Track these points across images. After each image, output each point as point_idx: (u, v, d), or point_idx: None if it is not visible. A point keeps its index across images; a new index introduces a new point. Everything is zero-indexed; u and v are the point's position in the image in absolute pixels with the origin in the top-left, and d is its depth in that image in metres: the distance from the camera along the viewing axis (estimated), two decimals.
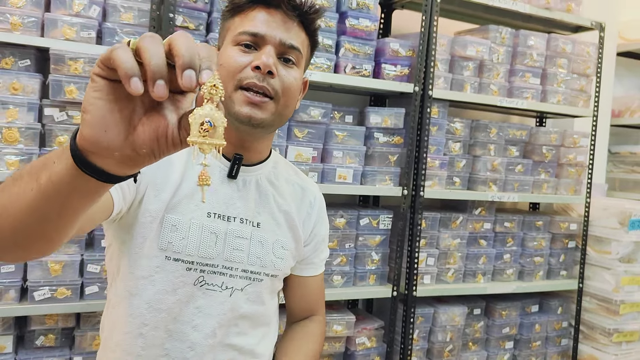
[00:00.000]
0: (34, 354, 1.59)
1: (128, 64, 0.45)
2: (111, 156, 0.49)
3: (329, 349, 1.96)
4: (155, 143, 0.50)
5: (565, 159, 2.36)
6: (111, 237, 0.95)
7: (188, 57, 0.45)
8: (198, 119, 0.47)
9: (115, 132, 0.48)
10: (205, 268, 0.93)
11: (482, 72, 2.16)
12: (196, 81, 0.46)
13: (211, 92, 0.47)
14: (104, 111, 0.48)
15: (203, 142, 0.47)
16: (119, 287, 0.93)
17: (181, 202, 0.92)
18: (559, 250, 2.41)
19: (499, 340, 2.31)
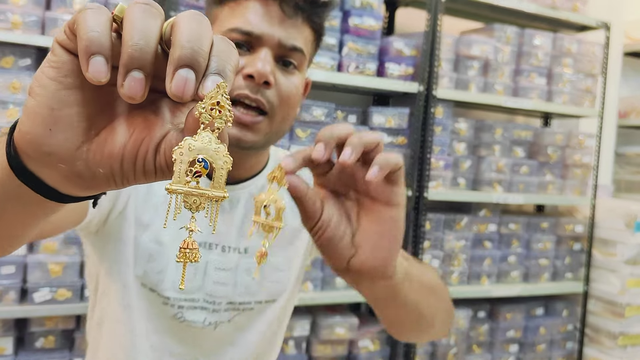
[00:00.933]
0: (33, 356, 1.57)
1: (93, 33, 0.29)
2: (55, 168, 0.33)
3: (332, 352, 1.95)
4: (117, 164, 0.33)
5: (571, 160, 2.34)
6: (89, 249, 0.83)
7: (189, 49, 0.29)
8: (187, 154, 0.30)
9: (65, 135, 0.32)
10: (184, 304, 0.79)
11: (487, 71, 2.14)
12: (194, 89, 0.30)
13: (211, 114, 0.30)
14: (56, 100, 0.31)
15: (191, 194, 0.30)
16: (96, 307, 0.83)
17: (158, 217, 0.78)
18: (564, 252, 2.38)
19: (503, 343, 2.28)
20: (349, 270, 0.49)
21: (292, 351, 1.89)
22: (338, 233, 0.48)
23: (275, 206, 0.42)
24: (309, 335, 1.92)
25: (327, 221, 0.48)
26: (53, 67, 0.31)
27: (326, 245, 0.48)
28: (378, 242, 0.49)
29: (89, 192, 0.35)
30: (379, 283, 0.51)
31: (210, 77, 0.30)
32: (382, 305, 0.59)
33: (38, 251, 1.55)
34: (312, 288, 1.87)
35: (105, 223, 0.77)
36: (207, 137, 0.30)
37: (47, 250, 1.55)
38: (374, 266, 0.49)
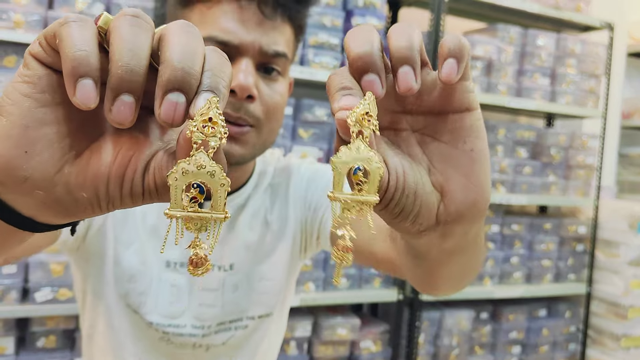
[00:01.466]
0: (35, 356, 1.57)
1: (80, 52, 0.26)
2: (31, 195, 0.29)
3: (333, 353, 1.94)
4: (103, 186, 0.30)
5: (574, 160, 2.33)
6: (73, 266, 0.79)
7: (180, 70, 0.27)
8: (181, 179, 0.29)
9: (43, 157, 0.29)
10: (169, 329, 0.74)
11: (490, 72, 2.13)
12: (184, 114, 0.28)
13: (204, 132, 0.28)
14: (32, 119, 0.28)
15: (191, 218, 0.30)
16: (85, 321, 0.80)
17: (139, 236, 0.74)
18: (567, 253, 2.37)
19: (506, 344, 2.28)
20: (438, 223, 0.35)
21: (293, 352, 1.88)
22: (417, 180, 0.34)
23: (371, 168, 0.31)
24: (311, 336, 1.91)
25: (400, 172, 0.33)
26: (27, 83, 0.28)
27: (409, 204, 0.33)
28: (467, 171, 0.34)
29: (68, 219, 0.32)
30: (475, 225, 0.37)
31: (202, 94, 0.28)
32: (458, 257, 0.44)
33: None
34: (313, 289, 1.86)
35: (84, 240, 0.73)
36: (202, 159, 0.29)
37: (48, 250, 1.54)
38: (471, 204, 0.35)
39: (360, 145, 0.30)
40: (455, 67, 0.31)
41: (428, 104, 0.34)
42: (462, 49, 0.31)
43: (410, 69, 0.31)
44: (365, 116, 0.30)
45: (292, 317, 1.86)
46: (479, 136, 0.35)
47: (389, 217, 0.34)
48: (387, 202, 0.33)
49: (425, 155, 0.35)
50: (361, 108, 0.30)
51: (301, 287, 1.84)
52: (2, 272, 1.51)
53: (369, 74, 0.31)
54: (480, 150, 0.35)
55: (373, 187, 0.31)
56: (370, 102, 0.30)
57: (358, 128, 0.30)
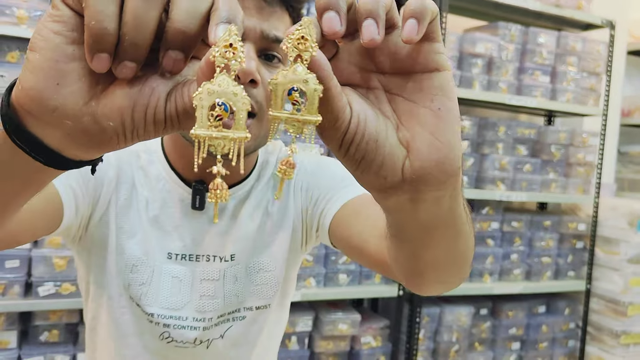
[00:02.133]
0: (37, 350, 1.58)
1: (100, 28, 0.30)
2: (60, 125, 0.32)
3: (334, 348, 1.95)
4: (128, 114, 0.32)
5: (574, 158, 2.34)
6: (76, 257, 0.78)
7: (184, 14, 0.31)
8: (206, 99, 0.31)
9: (73, 88, 0.31)
10: (170, 322, 0.74)
11: (491, 69, 2.13)
12: (183, 59, 0.32)
13: (226, 56, 0.30)
14: (62, 53, 0.31)
15: (215, 137, 0.31)
16: (88, 312, 0.80)
17: (142, 226, 0.74)
18: (566, 250, 2.38)
19: (505, 340, 2.29)
20: (404, 180, 0.35)
21: (294, 347, 1.89)
22: (380, 129, 0.34)
23: (307, 88, 0.32)
24: (312, 330, 1.92)
25: (362, 117, 0.34)
26: (57, 22, 0.31)
27: (370, 152, 0.34)
28: (433, 128, 0.34)
29: (94, 152, 0.35)
30: (446, 190, 0.36)
31: (221, 24, 0.31)
32: (439, 235, 0.42)
33: (42, 245, 1.56)
34: (314, 284, 1.87)
35: (86, 229, 0.73)
36: (225, 81, 0.31)
37: (51, 245, 1.56)
38: (437, 162, 0.34)
39: (297, 68, 0.32)
40: (415, 27, 0.32)
41: (398, 63, 0.35)
42: (423, 10, 0.32)
43: (373, 22, 0.32)
44: (302, 40, 0.31)
45: (293, 312, 1.87)
46: (447, 96, 0.35)
47: (351, 164, 0.35)
48: (347, 145, 0.34)
49: (395, 113, 0.36)
50: (296, 33, 0.31)
51: (302, 283, 1.85)
52: (6, 267, 1.51)
53: (329, 11, 0.32)
54: (449, 109, 0.35)
55: (312, 107, 0.32)
56: (306, 27, 0.31)
57: (296, 52, 0.31)
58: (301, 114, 0.32)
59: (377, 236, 0.61)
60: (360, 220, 0.69)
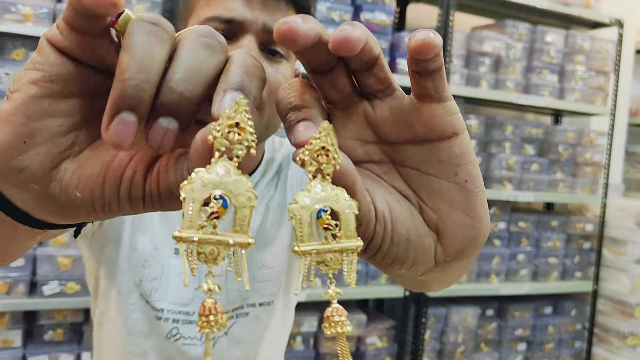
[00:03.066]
0: (42, 349, 1.57)
1: (138, 85, 0.23)
2: (26, 188, 0.27)
3: None
4: (98, 186, 0.27)
5: (582, 158, 2.32)
6: (86, 252, 0.78)
7: (185, 72, 0.24)
8: (199, 192, 0.24)
9: (42, 150, 0.26)
10: (179, 317, 0.74)
11: (498, 68, 2.12)
12: (173, 139, 0.25)
13: (228, 138, 0.24)
14: (35, 109, 0.26)
15: (207, 241, 0.24)
16: (97, 308, 0.80)
17: (153, 222, 0.74)
18: (574, 251, 2.36)
19: (511, 341, 2.27)
20: (437, 265, 0.31)
21: (299, 347, 1.88)
22: (410, 225, 0.29)
23: (339, 208, 0.26)
24: (317, 331, 1.91)
25: (387, 216, 0.29)
26: (37, 70, 0.26)
27: (402, 253, 0.29)
28: (464, 205, 0.30)
29: (65, 220, 0.29)
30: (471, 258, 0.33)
31: (229, 93, 0.24)
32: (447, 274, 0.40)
33: (48, 244, 1.55)
34: (320, 284, 1.86)
35: (101, 225, 0.73)
36: (224, 168, 0.24)
37: (56, 244, 1.55)
38: (471, 241, 0.30)
39: (320, 185, 0.25)
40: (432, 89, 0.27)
41: (406, 132, 0.29)
42: (436, 59, 0.26)
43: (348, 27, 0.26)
44: (322, 151, 0.25)
45: (299, 312, 1.85)
46: (470, 162, 0.30)
47: (379, 267, 0.30)
48: (373, 252, 0.29)
49: (412, 191, 0.30)
50: (315, 143, 0.25)
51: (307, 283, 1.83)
52: (10, 265, 1.51)
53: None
54: (474, 178, 0.30)
55: (350, 230, 0.25)
56: (326, 134, 0.25)
57: (315, 166, 0.25)
58: (337, 242, 0.26)
59: None
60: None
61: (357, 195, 0.27)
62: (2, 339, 1.54)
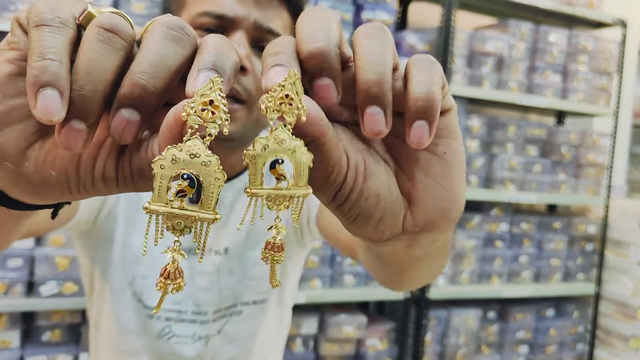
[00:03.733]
0: (40, 350, 1.56)
1: (47, 55, 0.24)
2: (1, 167, 0.27)
3: (339, 351, 1.92)
4: (73, 166, 0.27)
5: (585, 159, 2.30)
6: (81, 251, 0.79)
7: (147, 65, 0.25)
8: (169, 168, 0.25)
9: (17, 127, 0.27)
10: (171, 315, 0.75)
11: (501, 68, 2.10)
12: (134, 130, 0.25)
13: (202, 116, 0.24)
14: (11, 86, 0.26)
15: (175, 215, 0.25)
16: (93, 307, 0.80)
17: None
18: (576, 252, 2.35)
19: (513, 344, 2.26)
20: (404, 233, 0.30)
21: (299, 349, 1.87)
22: (382, 182, 0.29)
23: (295, 160, 0.26)
24: (317, 333, 1.90)
25: (360, 168, 0.29)
26: (12, 49, 0.26)
27: (369, 208, 0.29)
28: (439, 176, 0.30)
29: (40, 200, 0.29)
30: (446, 232, 0.33)
31: (203, 72, 0.25)
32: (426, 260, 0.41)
33: (45, 244, 1.54)
34: (320, 286, 1.85)
35: (95, 223, 0.74)
36: (196, 147, 0.24)
37: (54, 244, 1.54)
38: (443, 214, 0.30)
39: (279, 134, 0.26)
40: (426, 132, 0.27)
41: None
42: (432, 102, 0.26)
43: (380, 111, 0.26)
44: (286, 99, 0.25)
45: (298, 314, 1.84)
46: (453, 136, 0.30)
47: (344, 219, 0.30)
48: (341, 202, 0.28)
49: (390, 156, 0.31)
50: (279, 90, 0.25)
51: (307, 284, 1.82)
52: (8, 266, 1.50)
53: (323, 78, 0.26)
54: (454, 152, 0.30)
55: (302, 180, 0.26)
56: (292, 83, 0.25)
57: (278, 114, 0.25)
58: (287, 188, 0.26)
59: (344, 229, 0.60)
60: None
61: (326, 144, 0.26)
62: (0, 339, 1.53)
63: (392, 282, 0.51)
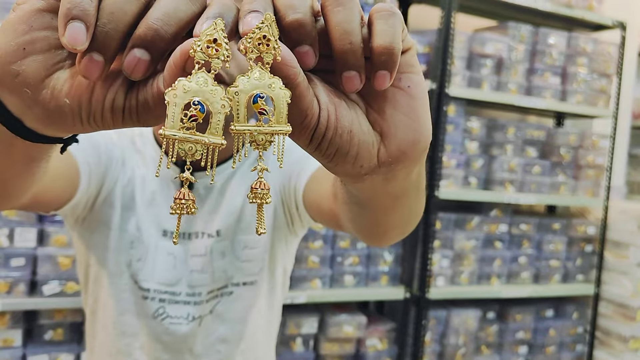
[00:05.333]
0: (42, 348, 1.57)
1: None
2: (19, 93, 0.30)
3: (339, 350, 1.93)
4: (86, 95, 0.30)
5: (584, 160, 2.31)
6: (77, 240, 0.81)
7: (162, 13, 0.28)
8: (181, 97, 0.27)
9: (39, 57, 0.29)
10: (165, 297, 0.77)
11: (500, 70, 2.11)
12: (147, 62, 0.28)
13: (207, 52, 0.27)
14: (39, 19, 0.29)
15: (187, 140, 0.28)
16: (89, 295, 0.82)
17: (139, 206, 0.77)
18: (575, 254, 2.35)
19: (512, 344, 2.26)
20: (380, 165, 0.34)
21: (299, 349, 1.88)
22: (353, 118, 0.32)
23: (274, 94, 0.28)
24: (317, 333, 1.91)
25: (332, 109, 0.32)
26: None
27: (344, 144, 0.32)
28: (406, 109, 0.33)
29: (51, 129, 0.32)
30: (418, 164, 0.36)
31: (209, 19, 0.28)
32: (404, 201, 0.44)
33: (48, 244, 1.55)
34: (320, 285, 1.86)
35: (92, 209, 0.76)
36: (203, 78, 0.28)
37: (57, 243, 1.55)
38: (413, 142, 0.33)
39: (258, 72, 0.28)
40: (388, 78, 0.31)
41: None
42: (392, 54, 0.30)
43: (356, 74, 0.31)
44: (263, 40, 0.28)
45: (299, 314, 1.85)
46: (414, 71, 0.34)
47: (324, 159, 0.33)
48: (318, 141, 0.32)
49: (360, 95, 0.34)
50: (257, 32, 0.28)
51: (308, 284, 1.83)
52: (11, 265, 1.51)
53: (303, 45, 0.30)
54: (417, 85, 0.33)
55: (281, 116, 0.29)
56: (268, 25, 0.28)
57: (256, 54, 0.28)
58: (269, 125, 0.29)
59: (327, 194, 0.63)
60: (317, 185, 0.72)
61: (298, 87, 0.30)
62: (2, 338, 1.54)
63: (375, 233, 0.53)
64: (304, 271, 1.82)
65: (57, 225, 1.55)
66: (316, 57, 0.30)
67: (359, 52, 0.30)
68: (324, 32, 0.31)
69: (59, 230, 1.55)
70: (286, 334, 1.84)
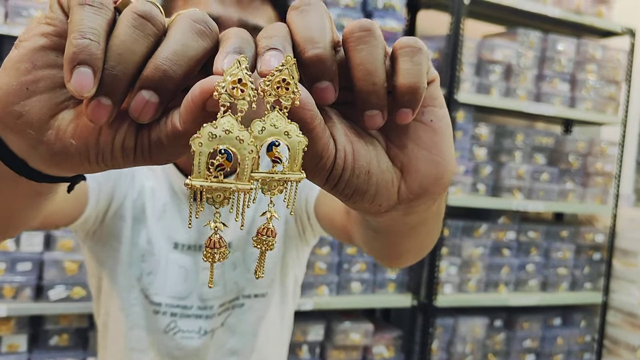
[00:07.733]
0: (47, 354, 1.57)
1: (87, 35, 0.26)
2: (23, 134, 0.28)
3: (346, 358, 1.92)
4: (94, 135, 0.28)
5: (593, 168, 2.30)
6: (88, 254, 0.81)
7: (171, 53, 0.27)
8: (207, 145, 0.26)
9: (43, 97, 0.28)
10: (177, 311, 0.76)
11: (509, 76, 2.10)
12: (156, 104, 0.27)
13: (233, 94, 0.26)
14: (42, 58, 0.28)
15: (214, 188, 0.27)
16: (101, 308, 0.81)
17: (149, 219, 0.77)
18: (583, 261, 2.34)
19: (519, 353, 2.24)
20: (400, 202, 0.32)
21: (306, 356, 1.87)
22: (371, 158, 0.31)
23: (290, 142, 0.27)
24: (323, 340, 1.89)
25: (349, 149, 0.30)
26: (48, 24, 0.28)
27: (362, 184, 0.30)
28: (429, 144, 0.32)
29: (58, 170, 0.30)
30: (439, 198, 0.34)
31: (230, 55, 0.27)
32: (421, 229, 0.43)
33: (54, 249, 1.55)
34: (327, 292, 1.84)
35: (102, 223, 0.75)
36: (229, 123, 0.26)
37: (63, 248, 1.54)
38: (435, 179, 0.32)
39: (275, 117, 0.27)
40: (411, 115, 0.30)
41: None
42: (417, 93, 0.29)
43: (379, 114, 0.29)
44: (283, 84, 0.26)
45: (305, 321, 1.84)
46: (437, 104, 0.32)
47: (341, 197, 0.31)
48: (334, 182, 0.30)
49: (380, 130, 0.32)
50: (277, 75, 0.26)
51: (314, 291, 1.82)
52: (17, 270, 1.50)
53: (322, 81, 0.28)
54: (440, 119, 0.32)
55: (296, 164, 0.27)
56: (289, 67, 0.26)
57: (275, 97, 0.27)
58: (282, 172, 0.28)
59: (339, 209, 0.63)
60: (329, 198, 0.70)
61: (315, 130, 0.28)
62: (8, 343, 1.54)
63: (388, 256, 0.52)
64: (310, 278, 1.81)
65: (64, 230, 1.54)
66: (336, 92, 0.29)
67: (382, 92, 0.29)
68: (344, 65, 0.29)
69: (66, 235, 1.54)
70: (292, 341, 1.82)
